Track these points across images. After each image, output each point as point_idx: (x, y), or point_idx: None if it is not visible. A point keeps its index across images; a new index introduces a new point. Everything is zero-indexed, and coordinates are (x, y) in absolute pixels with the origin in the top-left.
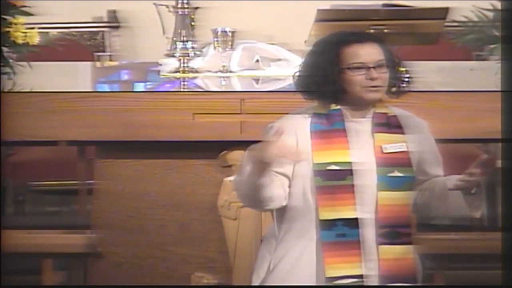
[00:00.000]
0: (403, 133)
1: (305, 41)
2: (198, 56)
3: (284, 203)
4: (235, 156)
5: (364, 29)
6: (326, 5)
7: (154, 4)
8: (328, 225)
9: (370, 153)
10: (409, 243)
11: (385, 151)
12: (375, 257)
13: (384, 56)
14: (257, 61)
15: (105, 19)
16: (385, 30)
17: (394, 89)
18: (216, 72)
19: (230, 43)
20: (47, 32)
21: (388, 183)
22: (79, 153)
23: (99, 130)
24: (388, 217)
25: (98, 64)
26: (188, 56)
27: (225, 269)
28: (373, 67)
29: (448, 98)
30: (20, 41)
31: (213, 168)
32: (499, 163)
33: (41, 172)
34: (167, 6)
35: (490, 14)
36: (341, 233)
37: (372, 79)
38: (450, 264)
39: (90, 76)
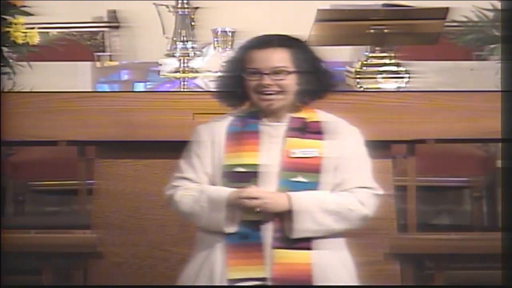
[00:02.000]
0: (321, 139)
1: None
2: (198, 56)
3: None
4: None
5: (364, 29)
6: (326, 5)
7: (154, 4)
8: None
9: (277, 156)
10: (307, 248)
11: (292, 155)
12: (272, 261)
13: (292, 62)
14: None
15: (105, 19)
16: (385, 30)
17: (307, 94)
18: (216, 72)
19: (230, 43)
20: (47, 32)
21: (288, 188)
22: (79, 153)
23: (99, 130)
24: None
25: (98, 64)
26: (188, 56)
27: None
28: (267, 74)
29: (448, 98)
30: (20, 41)
31: None
32: (499, 163)
33: (41, 172)
34: (167, 6)
35: (490, 14)
36: (244, 235)
37: (263, 85)
38: (450, 264)
39: (90, 76)
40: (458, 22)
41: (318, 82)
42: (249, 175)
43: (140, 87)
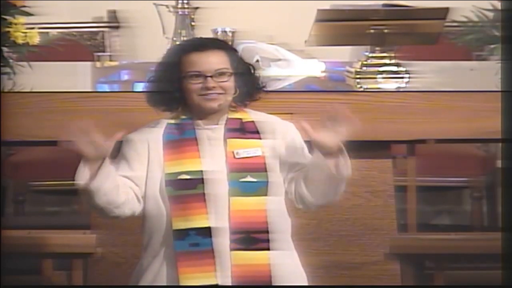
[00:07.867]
0: (259, 138)
1: (305, 41)
2: None
3: (136, 210)
4: None
5: (364, 29)
6: (326, 5)
7: (154, 4)
8: (181, 234)
9: (222, 159)
10: (266, 249)
11: (237, 156)
12: (229, 265)
13: (230, 64)
14: (257, 61)
15: (105, 19)
16: (385, 30)
17: (245, 96)
18: None
19: (230, 43)
20: (47, 32)
21: (240, 189)
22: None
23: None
24: (242, 223)
25: (98, 64)
26: None
27: None
28: (211, 76)
29: (448, 98)
30: (20, 41)
31: None
32: (499, 163)
33: (41, 172)
34: (167, 6)
35: (490, 14)
36: (194, 243)
37: (208, 88)
38: (450, 264)
39: (90, 76)
40: (458, 22)
41: (252, 83)
42: (195, 182)
43: (140, 87)
